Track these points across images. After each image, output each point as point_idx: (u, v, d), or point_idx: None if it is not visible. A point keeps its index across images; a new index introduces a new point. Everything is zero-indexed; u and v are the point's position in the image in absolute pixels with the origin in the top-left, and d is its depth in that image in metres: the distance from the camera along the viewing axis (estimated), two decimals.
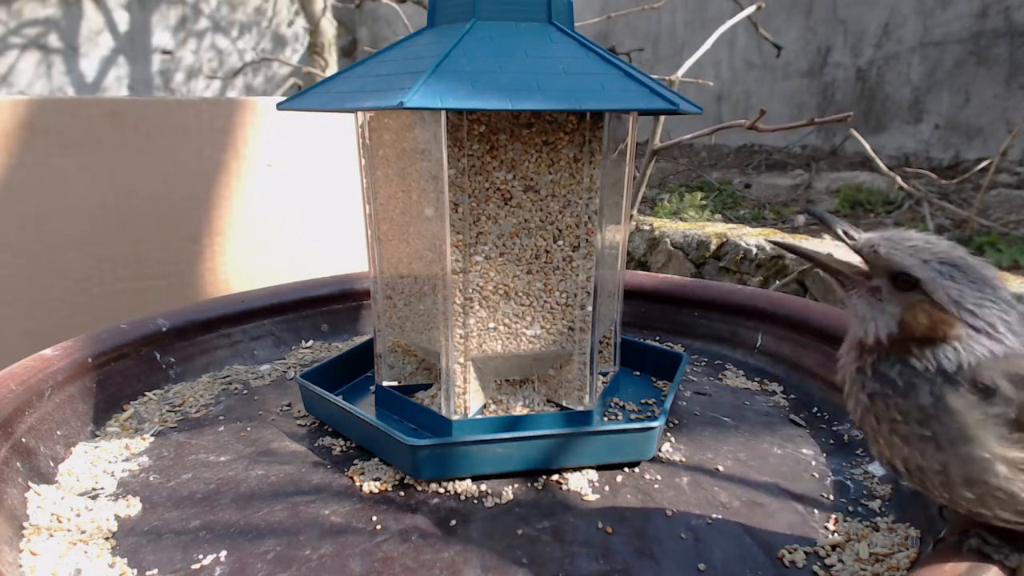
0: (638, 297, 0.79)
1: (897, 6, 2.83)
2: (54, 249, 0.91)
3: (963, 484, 0.35)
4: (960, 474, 0.35)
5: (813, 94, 3.20)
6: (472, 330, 0.53)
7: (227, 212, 1.00)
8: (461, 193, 0.50)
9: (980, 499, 0.35)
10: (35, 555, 0.43)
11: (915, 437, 0.36)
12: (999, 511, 0.36)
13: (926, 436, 0.36)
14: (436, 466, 0.50)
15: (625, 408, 0.61)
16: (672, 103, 0.46)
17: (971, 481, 0.35)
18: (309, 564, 0.42)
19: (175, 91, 4.49)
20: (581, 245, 0.52)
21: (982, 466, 0.35)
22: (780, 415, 0.62)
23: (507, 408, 0.56)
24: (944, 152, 2.72)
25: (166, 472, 0.53)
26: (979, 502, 0.36)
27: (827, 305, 0.71)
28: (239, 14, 4.65)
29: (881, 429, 0.38)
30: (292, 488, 0.50)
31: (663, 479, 0.51)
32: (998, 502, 0.35)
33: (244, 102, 1.00)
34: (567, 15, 0.55)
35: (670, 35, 3.83)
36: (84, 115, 0.91)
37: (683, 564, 0.43)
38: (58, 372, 0.57)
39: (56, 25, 4.13)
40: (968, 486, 0.35)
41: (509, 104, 0.43)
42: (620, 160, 0.57)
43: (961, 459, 0.35)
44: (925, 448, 0.36)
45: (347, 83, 0.52)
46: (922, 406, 0.36)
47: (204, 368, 0.70)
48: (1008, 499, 0.35)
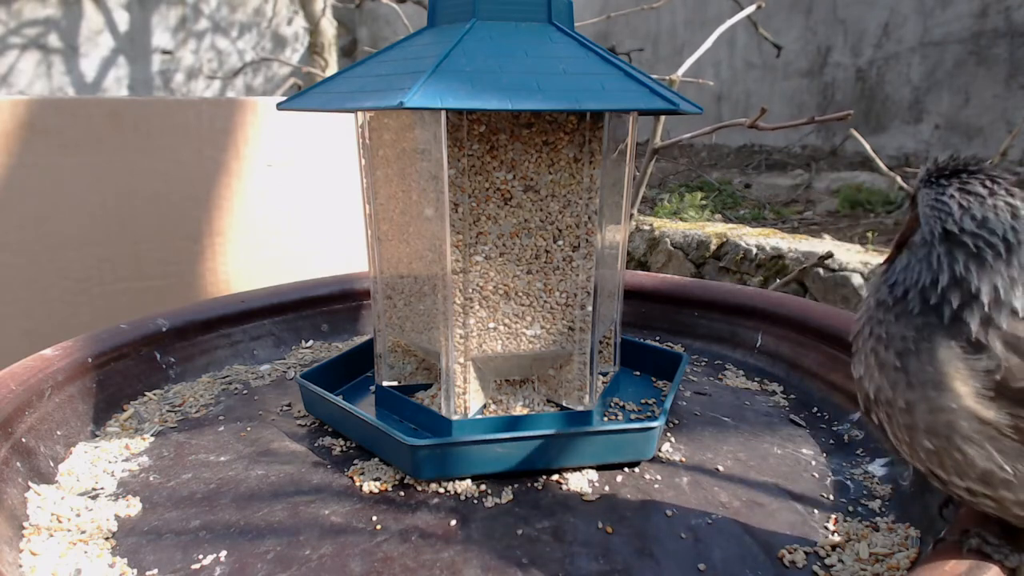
0: (638, 297, 0.79)
1: (897, 6, 2.83)
2: (54, 249, 0.91)
3: (925, 431, 0.35)
4: (924, 419, 0.35)
5: (813, 94, 3.20)
6: (472, 330, 0.53)
7: (227, 212, 1.00)
8: (461, 193, 0.50)
9: (938, 454, 0.35)
10: (35, 555, 0.43)
11: (889, 366, 0.36)
12: (954, 477, 0.35)
13: (898, 368, 0.36)
14: (436, 466, 0.50)
15: (625, 408, 0.61)
16: (672, 103, 0.46)
17: (933, 430, 0.35)
18: (309, 564, 0.42)
19: (175, 91, 4.49)
20: (581, 245, 0.52)
21: (947, 417, 0.34)
22: (780, 415, 0.62)
23: (507, 408, 0.56)
24: (944, 152, 2.72)
25: (166, 472, 0.53)
26: (937, 458, 0.35)
27: (827, 305, 0.71)
28: (239, 14, 4.65)
29: (865, 346, 0.38)
30: (292, 488, 0.50)
31: (663, 479, 0.51)
32: (954, 464, 0.35)
33: (244, 102, 1.00)
34: (567, 15, 0.55)
35: (670, 35, 3.83)
36: (84, 115, 0.91)
37: (683, 564, 0.43)
38: (58, 372, 0.57)
39: (56, 25, 4.13)
40: (929, 435, 0.35)
41: (509, 104, 0.43)
42: (620, 160, 0.57)
43: (928, 404, 0.35)
44: (897, 381, 0.36)
45: (347, 83, 0.52)
46: (905, 336, 0.35)
47: (204, 368, 0.70)
48: (964, 462, 0.34)
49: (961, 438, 0.34)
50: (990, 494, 0.35)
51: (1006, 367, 0.33)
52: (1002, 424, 0.34)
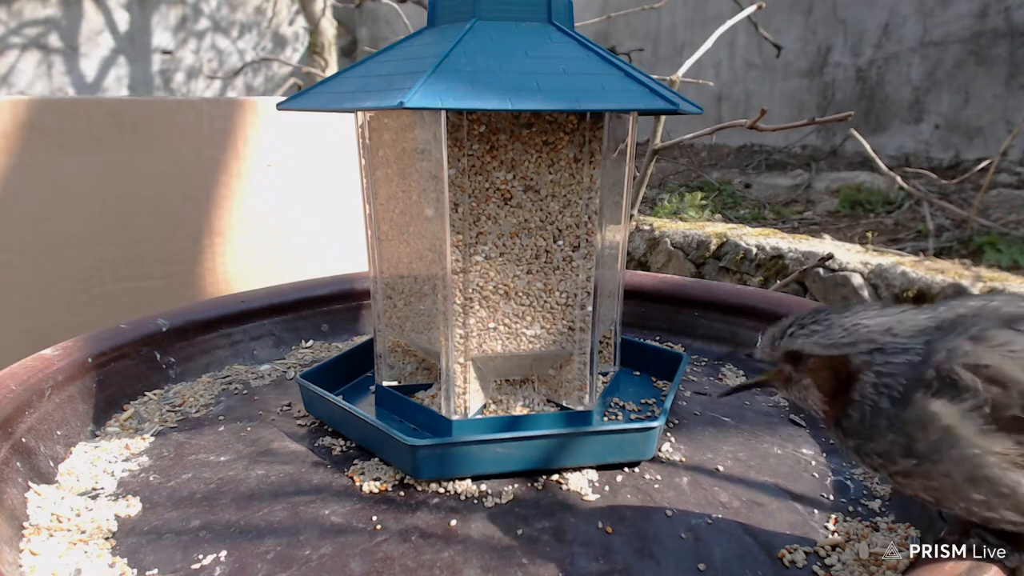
0: (638, 297, 0.79)
1: (897, 6, 2.83)
2: (54, 249, 0.91)
3: (969, 486, 0.35)
4: (962, 476, 0.35)
5: (813, 94, 3.20)
6: (472, 330, 0.53)
7: (227, 212, 1.00)
8: (461, 193, 0.50)
9: (987, 500, 0.36)
10: (35, 555, 0.43)
11: (911, 471, 0.37)
12: (1004, 512, 0.36)
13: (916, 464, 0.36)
14: (436, 466, 0.50)
15: (625, 408, 0.61)
16: (672, 103, 0.46)
17: (974, 480, 0.35)
18: (309, 564, 0.42)
19: (175, 91, 4.49)
20: (581, 245, 0.52)
21: (976, 461, 0.35)
22: (780, 415, 0.62)
23: (507, 408, 0.56)
24: (944, 152, 2.72)
25: (166, 472, 0.53)
26: (986, 504, 0.36)
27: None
28: (239, 14, 4.65)
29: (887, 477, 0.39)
30: (292, 488, 0.50)
31: (663, 479, 0.51)
32: (1002, 500, 0.35)
33: (244, 102, 1.00)
34: (567, 15, 0.55)
35: (670, 35, 3.83)
36: (84, 115, 0.91)
37: (683, 564, 0.43)
38: (58, 372, 0.57)
39: (56, 25, 4.13)
40: (973, 486, 0.35)
41: (509, 104, 0.43)
42: (620, 160, 0.57)
43: (956, 462, 0.35)
44: (927, 470, 0.36)
45: (347, 83, 0.52)
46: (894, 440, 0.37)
47: (204, 368, 0.70)
48: (1011, 494, 0.35)
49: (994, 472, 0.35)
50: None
51: (990, 400, 0.34)
52: (1013, 452, 0.34)
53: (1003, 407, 0.34)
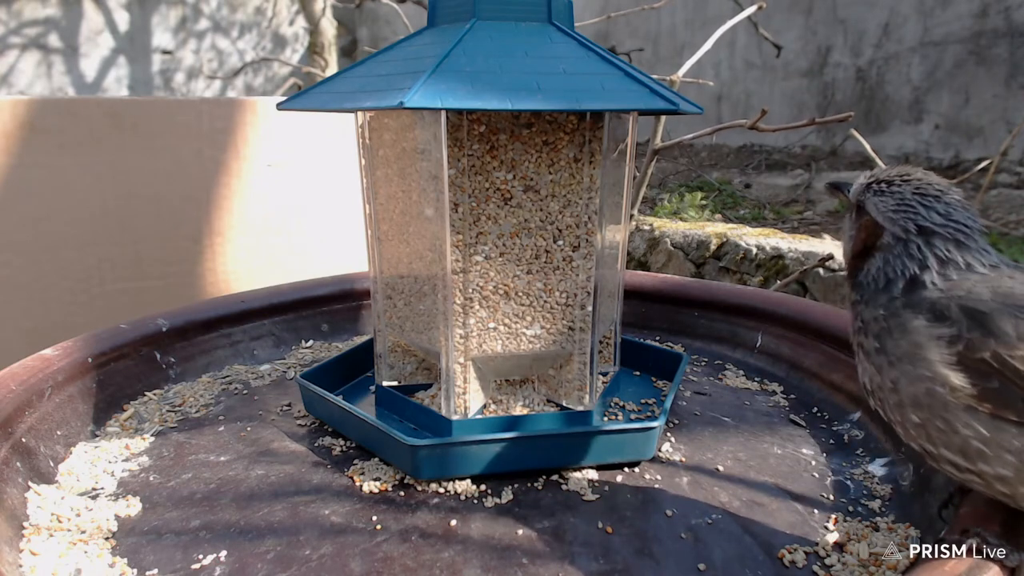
0: (638, 297, 0.79)
1: (897, 6, 2.83)
2: (54, 249, 0.91)
3: (911, 405, 0.37)
4: (908, 392, 0.37)
5: (813, 94, 3.20)
6: (472, 330, 0.53)
7: (227, 212, 1.00)
8: (461, 193, 0.50)
9: (924, 427, 0.37)
10: (35, 555, 0.43)
11: (872, 351, 0.39)
12: (942, 449, 0.37)
13: (878, 349, 0.39)
14: (436, 466, 0.50)
15: (625, 408, 0.61)
16: (672, 103, 0.46)
17: (917, 402, 0.37)
18: (309, 564, 0.42)
19: (175, 91, 4.49)
20: (581, 245, 0.52)
21: (926, 386, 0.37)
22: (780, 415, 0.62)
23: (507, 408, 0.56)
24: (944, 152, 2.72)
25: (166, 472, 0.53)
26: (924, 431, 0.37)
27: (827, 305, 0.71)
28: (239, 14, 4.65)
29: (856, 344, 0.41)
30: (292, 488, 0.50)
31: (663, 479, 0.51)
32: (939, 435, 0.37)
33: (244, 102, 1.00)
34: (567, 15, 0.55)
35: (670, 35, 3.83)
36: (84, 115, 0.91)
37: (683, 564, 0.43)
38: (58, 372, 0.57)
39: (56, 25, 4.13)
40: (915, 408, 0.37)
41: (509, 104, 0.43)
42: (620, 160, 0.57)
43: (909, 377, 0.37)
44: (880, 363, 0.39)
45: (347, 83, 0.52)
46: (877, 317, 0.39)
47: (204, 368, 0.70)
48: (948, 430, 0.36)
49: (941, 406, 0.36)
50: (972, 468, 0.36)
51: (967, 339, 0.36)
52: (967, 390, 0.36)
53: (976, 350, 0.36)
